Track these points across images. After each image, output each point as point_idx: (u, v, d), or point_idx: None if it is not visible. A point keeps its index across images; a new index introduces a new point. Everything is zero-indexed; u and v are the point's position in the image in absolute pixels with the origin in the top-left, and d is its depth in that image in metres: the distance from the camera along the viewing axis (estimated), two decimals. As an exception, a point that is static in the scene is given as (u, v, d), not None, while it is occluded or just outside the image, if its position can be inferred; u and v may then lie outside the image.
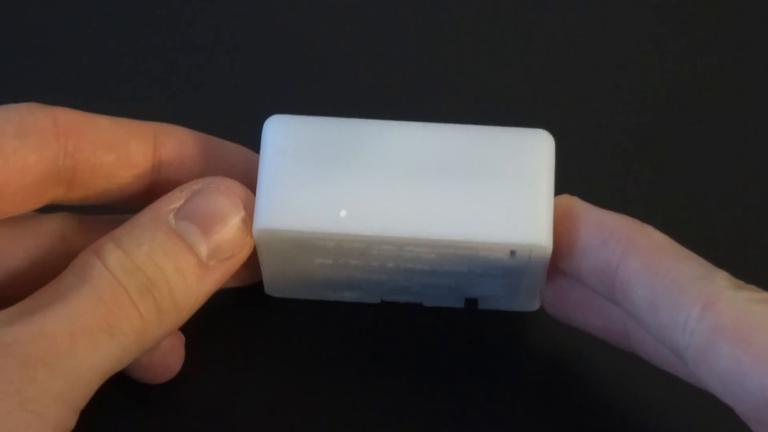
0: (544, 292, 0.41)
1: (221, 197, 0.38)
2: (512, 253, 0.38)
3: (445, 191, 0.38)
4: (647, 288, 0.36)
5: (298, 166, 0.39)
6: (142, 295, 0.36)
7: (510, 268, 0.39)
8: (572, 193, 0.40)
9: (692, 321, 0.35)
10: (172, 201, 0.38)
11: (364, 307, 0.43)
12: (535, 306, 0.42)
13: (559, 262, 0.39)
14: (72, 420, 0.36)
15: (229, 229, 0.38)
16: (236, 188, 0.38)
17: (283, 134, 0.39)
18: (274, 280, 0.41)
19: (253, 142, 0.41)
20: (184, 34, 0.50)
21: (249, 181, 0.39)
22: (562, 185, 0.40)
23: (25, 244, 0.40)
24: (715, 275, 0.36)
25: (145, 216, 0.38)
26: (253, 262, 0.40)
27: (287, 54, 0.49)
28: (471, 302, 0.43)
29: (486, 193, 0.38)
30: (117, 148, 0.39)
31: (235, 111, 0.48)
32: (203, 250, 0.37)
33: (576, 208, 0.39)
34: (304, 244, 0.39)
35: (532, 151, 0.39)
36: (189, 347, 0.42)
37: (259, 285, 0.42)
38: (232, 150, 0.41)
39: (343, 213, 0.38)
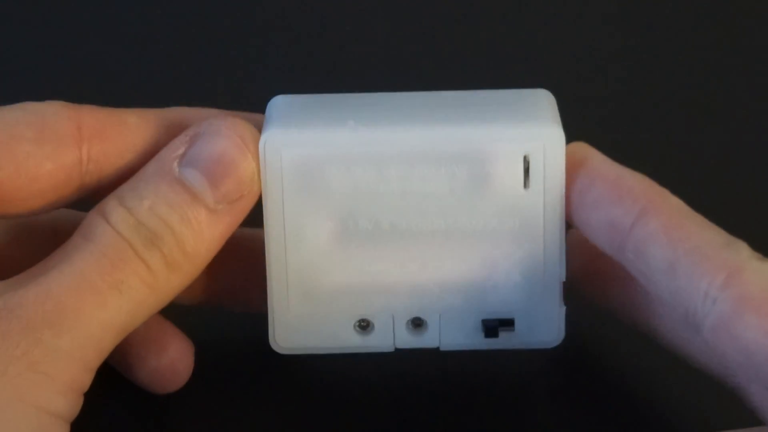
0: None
1: (223, 138, 0.37)
2: (526, 170, 0.38)
3: (455, 110, 0.38)
4: (667, 250, 0.36)
5: (305, 106, 0.39)
6: (147, 249, 0.36)
7: (525, 209, 0.38)
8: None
9: (715, 289, 0.35)
10: (176, 148, 0.37)
11: (377, 358, 0.41)
12: (556, 336, 0.40)
13: (568, 211, 0.38)
14: (86, 378, 0.36)
15: (234, 169, 0.37)
16: (239, 126, 0.37)
17: (288, 101, 0.39)
18: (281, 303, 0.39)
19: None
20: (184, 24, 0.51)
21: None
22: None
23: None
24: (738, 244, 0.35)
25: (150, 168, 0.37)
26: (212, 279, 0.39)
27: (289, 42, 0.51)
28: (490, 330, 0.39)
29: (494, 112, 0.38)
30: (145, 148, 0.39)
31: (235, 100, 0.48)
32: (209, 196, 0.37)
33: (591, 157, 0.38)
34: (312, 165, 0.38)
35: (535, 96, 0.39)
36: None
37: (263, 340, 0.40)
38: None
39: (351, 122, 0.38)
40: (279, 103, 0.39)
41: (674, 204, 0.37)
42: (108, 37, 0.51)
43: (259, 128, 0.38)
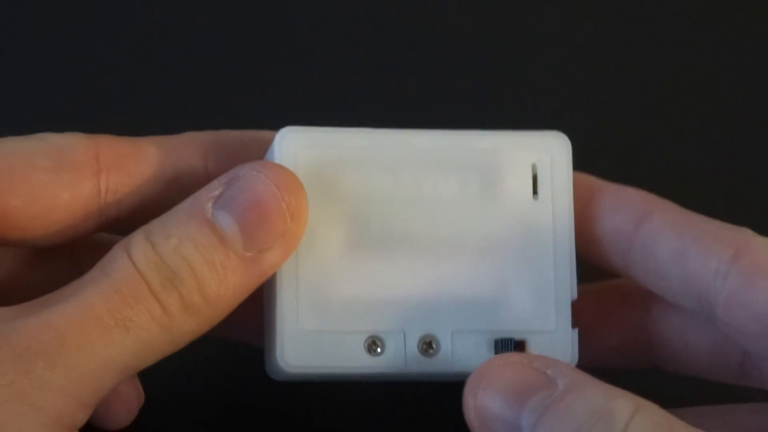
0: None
1: (259, 184, 0.36)
2: (534, 176, 0.38)
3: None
4: (674, 239, 0.37)
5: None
6: (165, 288, 0.35)
7: (535, 220, 0.38)
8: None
9: (724, 264, 0.36)
10: (212, 189, 0.36)
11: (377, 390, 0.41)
12: (570, 360, 0.38)
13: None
14: (79, 414, 0.35)
15: (267, 219, 0.36)
16: (280, 174, 0.36)
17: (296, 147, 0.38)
18: (291, 317, 0.38)
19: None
20: (188, 42, 0.51)
21: None
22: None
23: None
24: (740, 227, 0.37)
25: (184, 205, 0.36)
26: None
27: (296, 61, 0.50)
28: (503, 345, 0.38)
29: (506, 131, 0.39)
30: (164, 178, 0.39)
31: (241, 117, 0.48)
32: (238, 242, 0.35)
33: (591, 179, 0.39)
34: (327, 166, 0.37)
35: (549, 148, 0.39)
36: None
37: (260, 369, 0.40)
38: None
39: (365, 128, 0.38)
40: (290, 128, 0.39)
41: (672, 204, 0.38)
42: (119, 56, 0.51)
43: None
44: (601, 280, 0.41)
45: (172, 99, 0.50)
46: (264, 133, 0.40)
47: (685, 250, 0.37)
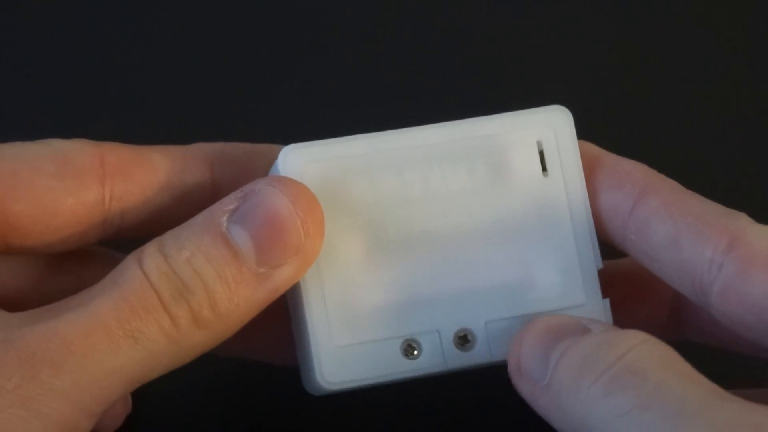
0: None
1: (275, 199, 0.36)
2: (541, 154, 0.38)
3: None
4: (669, 225, 0.36)
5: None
6: (175, 301, 0.35)
7: (548, 196, 0.38)
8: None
9: (719, 254, 0.35)
10: (228, 203, 0.36)
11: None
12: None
13: None
14: (83, 422, 0.34)
15: (282, 235, 0.35)
16: (295, 189, 0.36)
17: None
18: (324, 334, 0.37)
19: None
20: (193, 49, 0.51)
21: None
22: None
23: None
24: (737, 213, 0.36)
25: (199, 218, 0.36)
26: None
27: (298, 65, 0.50)
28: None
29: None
30: (170, 186, 0.38)
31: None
32: (251, 258, 0.35)
33: (592, 150, 0.39)
34: (334, 178, 0.37)
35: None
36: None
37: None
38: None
39: (366, 135, 0.38)
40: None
41: (671, 183, 0.37)
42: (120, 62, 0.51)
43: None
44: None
45: (178, 106, 0.50)
46: (270, 147, 0.40)
47: (680, 237, 0.36)
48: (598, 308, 0.38)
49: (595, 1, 0.52)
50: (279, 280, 0.36)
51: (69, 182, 0.37)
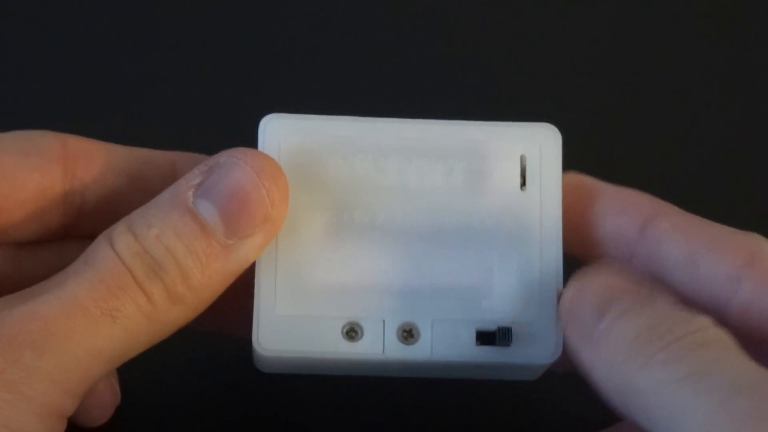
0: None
1: (239, 172, 0.36)
2: (522, 171, 0.38)
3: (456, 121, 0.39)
4: (683, 244, 0.37)
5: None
6: (149, 278, 0.35)
7: (521, 210, 0.38)
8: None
9: (737, 269, 0.36)
10: (193, 178, 0.36)
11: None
12: (553, 351, 0.38)
13: (572, 234, 0.38)
14: (68, 403, 0.35)
15: (248, 205, 0.36)
16: (259, 159, 0.36)
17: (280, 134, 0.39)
18: (268, 301, 0.38)
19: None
20: (176, 32, 0.51)
21: None
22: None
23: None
24: (749, 232, 0.37)
25: (166, 195, 0.36)
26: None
27: (285, 49, 0.50)
28: (484, 339, 0.38)
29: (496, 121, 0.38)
30: (130, 174, 0.39)
31: (228, 109, 0.48)
32: (220, 230, 0.36)
33: (588, 180, 0.39)
34: (311, 153, 0.37)
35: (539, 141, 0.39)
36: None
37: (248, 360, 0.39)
38: None
39: (351, 116, 0.38)
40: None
41: (677, 209, 0.38)
42: (97, 49, 0.51)
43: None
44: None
45: (172, 104, 0.50)
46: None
47: (696, 255, 0.37)
48: (550, 329, 0.38)
49: (596, 5, 0.52)
50: (248, 250, 0.36)
51: (33, 159, 0.38)
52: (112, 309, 0.35)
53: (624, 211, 0.38)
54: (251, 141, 0.39)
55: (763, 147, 0.49)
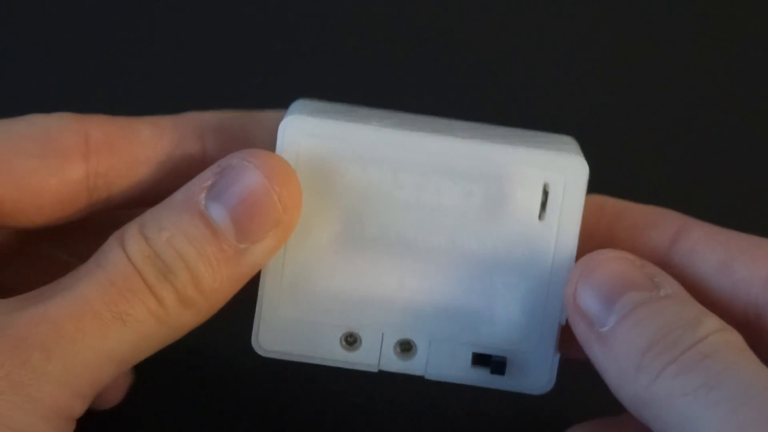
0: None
1: (251, 175, 0.35)
2: (544, 198, 0.37)
3: (479, 132, 0.38)
4: (718, 251, 0.37)
5: (329, 108, 0.38)
6: (160, 282, 0.35)
7: (536, 241, 0.37)
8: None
9: None
10: (205, 179, 0.36)
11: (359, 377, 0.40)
12: (546, 383, 0.38)
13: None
14: (77, 405, 0.35)
15: (259, 210, 0.36)
16: (271, 162, 0.36)
17: (312, 103, 0.38)
18: (271, 303, 0.38)
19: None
20: (180, 28, 0.50)
21: None
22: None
23: None
24: None
25: (178, 196, 0.36)
26: None
27: (301, 44, 0.50)
28: (479, 362, 0.38)
29: (519, 138, 0.38)
30: (158, 160, 0.38)
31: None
32: (231, 234, 0.35)
33: (611, 200, 0.39)
34: (329, 158, 0.37)
35: (560, 138, 0.39)
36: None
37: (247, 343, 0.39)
38: (277, 119, 0.39)
39: (374, 121, 0.37)
40: (302, 102, 0.39)
41: (706, 222, 0.38)
42: (115, 37, 0.51)
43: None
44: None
45: (175, 91, 0.50)
46: (264, 114, 0.39)
47: (731, 260, 0.37)
48: (546, 361, 0.38)
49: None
50: (259, 254, 0.36)
51: (51, 161, 0.37)
52: (122, 312, 0.35)
53: (654, 225, 0.38)
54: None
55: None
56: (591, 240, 0.38)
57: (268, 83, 0.49)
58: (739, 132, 0.49)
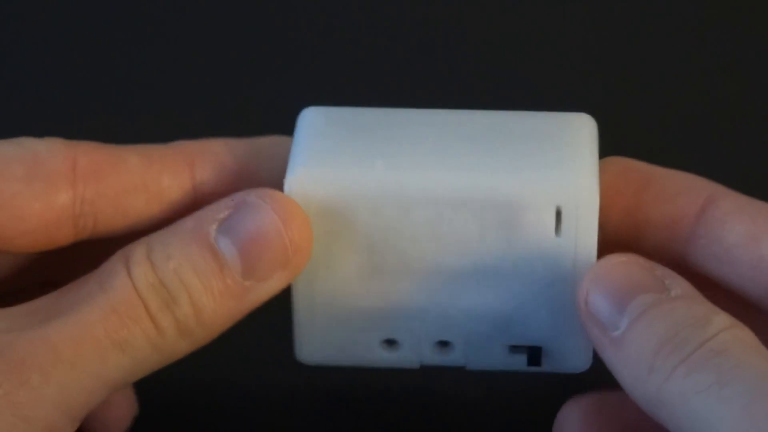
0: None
1: (265, 216, 0.36)
2: (558, 218, 0.37)
3: (486, 151, 0.37)
4: (747, 222, 0.37)
5: (333, 135, 0.38)
6: (162, 312, 0.35)
7: (556, 255, 0.37)
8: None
9: None
10: (219, 211, 0.36)
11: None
12: (584, 362, 0.39)
13: (623, 218, 0.38)
14: (68, 427, 0.35)
15: (269, 250, 0.36)
16: (285, 206, 0.36)
17: (317, 121, 0.38)
18: (307, 323, 0.39)
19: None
20: (180, 30, 0.51)
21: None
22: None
23: None
24: None
25: (188, 224, 0.36)
26: None
27: (310, 49, 0.50)
28: (517, 349, 0.39)
29: (528, 152, 0.37)
30: (146, 189, 0.38)
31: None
32: (238, 271, 0.35)
33: (638, 164, 0.39)
34: (339, 204, 0.37)
35: (574, 128, 0.38)
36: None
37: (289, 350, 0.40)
38: (272, 146, 0.39)
39: (379, 162, 0.37)
40: (308, 120, 0.39)
41: (736, 192, 0.38)
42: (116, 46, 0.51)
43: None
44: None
45: (172, 101, 0.50)
46: (256, 141, 0.39)
47: (759, 232, 0.37)
48: (581, 342, 0.38)
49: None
50: (263, 292, 0.36)
51: (37, 186, 0.37)
52: (122, 340, 0.35)
53: (683, 193, 0.38)
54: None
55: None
56: (616, 206, 0.38)
57: (269, 83, 0.50)
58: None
